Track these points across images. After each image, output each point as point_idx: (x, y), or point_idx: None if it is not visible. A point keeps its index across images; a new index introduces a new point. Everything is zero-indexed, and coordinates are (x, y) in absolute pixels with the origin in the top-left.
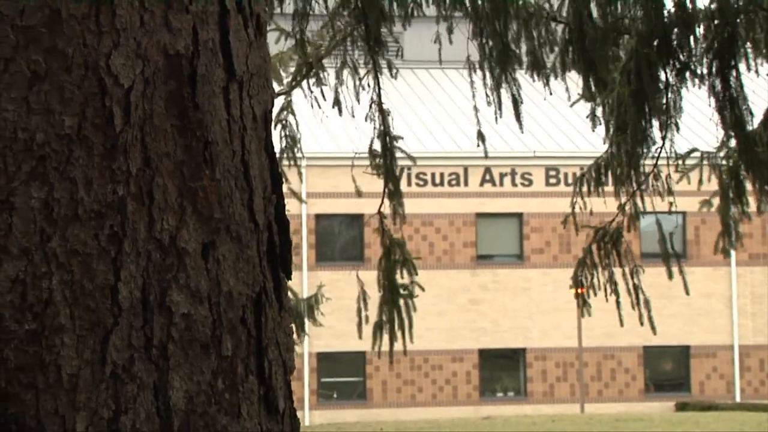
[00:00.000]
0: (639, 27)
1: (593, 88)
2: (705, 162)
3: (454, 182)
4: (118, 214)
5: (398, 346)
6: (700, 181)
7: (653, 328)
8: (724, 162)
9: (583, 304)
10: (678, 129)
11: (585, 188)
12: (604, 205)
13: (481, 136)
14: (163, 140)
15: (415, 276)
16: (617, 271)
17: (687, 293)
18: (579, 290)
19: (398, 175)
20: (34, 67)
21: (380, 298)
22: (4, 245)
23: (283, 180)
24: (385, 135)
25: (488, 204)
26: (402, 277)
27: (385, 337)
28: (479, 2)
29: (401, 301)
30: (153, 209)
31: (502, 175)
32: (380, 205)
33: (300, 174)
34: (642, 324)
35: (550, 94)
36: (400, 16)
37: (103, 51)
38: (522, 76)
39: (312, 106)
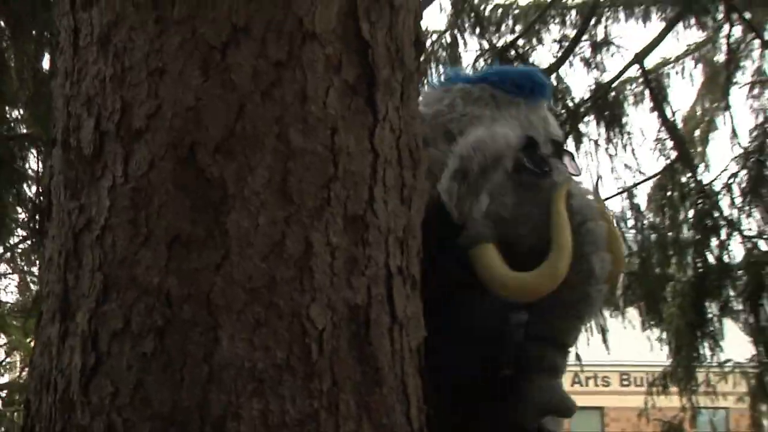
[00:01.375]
0: (688, 274)
1: (652, 321)
2: (737, 370)
3: None
4: (314, 422)
5: None
6: (734, 384)
7: None
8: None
9: None
10: (722, 350)
11: (654, 390)
12: (669, 402)
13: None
14: (346, 368)
15: None
16: None
17: None
18: None
19: None
20: (257, 317)
21: None
22: None
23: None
24: None
25: (576, 399)
26: None
27: None
28: None
29: None
30: (339, 418)
31: (587, 378)
32: None
33: None
34: None
35: (626, 328)
36: None
37: (305, 304)
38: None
39: None
